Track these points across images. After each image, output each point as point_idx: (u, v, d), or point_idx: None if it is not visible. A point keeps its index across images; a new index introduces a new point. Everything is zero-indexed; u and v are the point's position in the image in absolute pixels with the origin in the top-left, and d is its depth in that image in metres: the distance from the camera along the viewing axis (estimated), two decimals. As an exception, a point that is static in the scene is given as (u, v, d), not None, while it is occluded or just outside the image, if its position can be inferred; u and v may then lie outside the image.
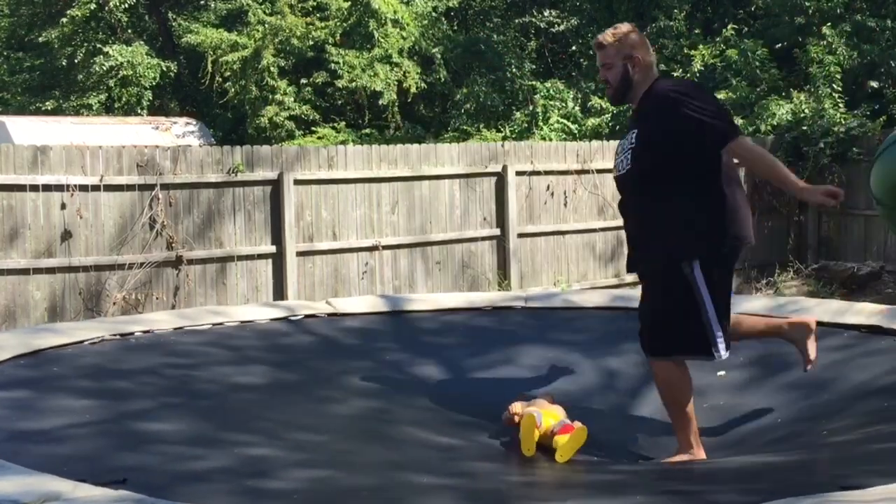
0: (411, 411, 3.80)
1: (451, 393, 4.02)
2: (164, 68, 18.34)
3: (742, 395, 4.05)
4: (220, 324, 4.82)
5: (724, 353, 3.51)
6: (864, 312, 4.65)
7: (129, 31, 19.42)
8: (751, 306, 5.08)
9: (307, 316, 5.06)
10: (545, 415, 3.45)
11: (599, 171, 11.09)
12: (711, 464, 3.10)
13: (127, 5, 18.49)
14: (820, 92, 12.80)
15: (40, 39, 19.63)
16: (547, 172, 10.73)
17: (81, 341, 4.38)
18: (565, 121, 14.21)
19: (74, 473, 2.56)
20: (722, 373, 4.21)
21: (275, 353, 4.51)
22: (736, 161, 3.62)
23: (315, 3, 17.23)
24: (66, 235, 8.20)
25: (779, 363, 4.15)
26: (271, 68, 16.30)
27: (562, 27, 17.72)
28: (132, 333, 4.59)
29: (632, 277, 11.44)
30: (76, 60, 18.73)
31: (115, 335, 4.53)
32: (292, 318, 5.00)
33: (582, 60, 18.23)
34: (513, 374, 4.17)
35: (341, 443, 3.41)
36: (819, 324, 4.57)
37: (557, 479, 2.83)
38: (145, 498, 2.30)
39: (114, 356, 4.28)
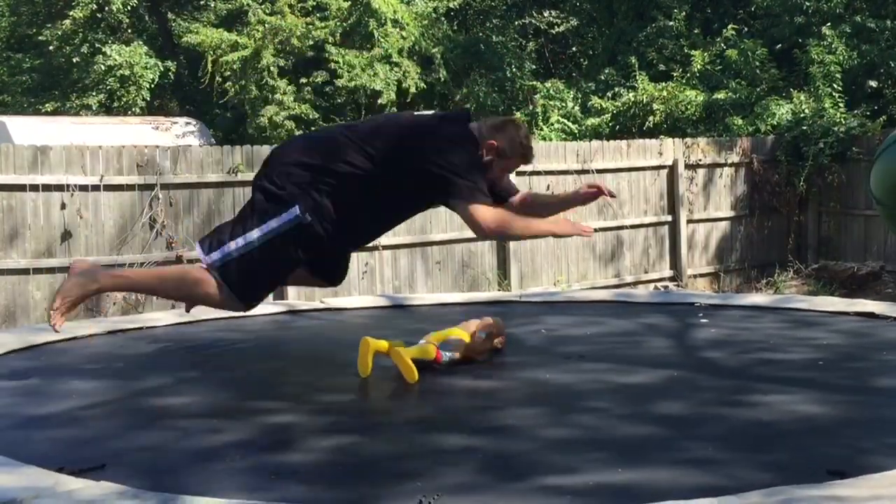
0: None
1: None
2: (164, 68, 18.34)
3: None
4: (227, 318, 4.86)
5: (203, 257, 3.66)
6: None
7: (129, 31, 19.42)
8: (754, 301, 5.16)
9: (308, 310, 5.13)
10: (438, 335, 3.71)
11: (599, 171, 11.09)
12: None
13: (129, 7, 18.50)
14: (820, 92, 12.81)
15: (40, 38, 19.63)
16: (547, 172, 10.73)
17: (88, 336, 4.40)
18: (565, 121, 14.22)
19: (75, 459, 2.54)
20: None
21: (287, 331, 4.59)
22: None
23: (315, 3, 17.23)
24: (66, 235, 8.20)
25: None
26: (271, 68, 16.30)
27: (562, 27, 17.73)
28: (140, 328, 4.64)
29: (632, 277, 11.50)
30: (75, 60, 18.73)
31: (117, 331, 4.55)
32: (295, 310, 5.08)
33: (582, 60, 18.25)
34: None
35: (365, 402, 3.42)
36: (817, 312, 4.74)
37: (587, 438, 2.81)
38: (126, 489, 2.28)
39: (122, 344, 4.31)
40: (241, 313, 4.91)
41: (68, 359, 4.02)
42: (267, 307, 5.26)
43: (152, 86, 18.09)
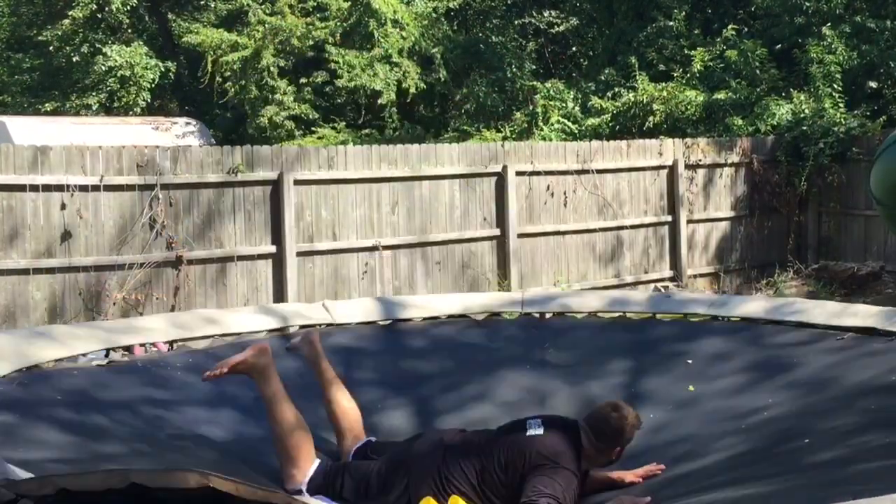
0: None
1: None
2: (164, 68, 18.33)
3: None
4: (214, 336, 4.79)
5: None
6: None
7: (129, 31, 19.42)
8: (749, 308, 5.07)
9: (301, 327, 5.03)
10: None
11: (599, 172, 11.09)
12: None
13: (129, 7, 18.50)
14: (820, 92, 12.81)
15: (40, 38, 19.63)
16: (547, 172, 10.73)
17: (72, 356, 4.32)
18: (565, 121, 14.21)
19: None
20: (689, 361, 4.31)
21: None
22: None
23: (315, 3, 17.24)
24: (66, 235, 8.20)
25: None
26: (271, 68, 16.30)
27: (562, 27, 17.72)
28: (128, 348, 4.54)
29: (632, 278, 11.49)
30: (75, 60, 18.73)
31: (105, 349, 4.48)
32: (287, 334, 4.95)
33: (582, 61, 18.24)
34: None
35: None
36: (815, 326, 4.64)
37: None
38: None
39: (102, 379, 4.21)
40: (237, 328, 4.81)
41: (47, 392, 3.93)
42: (263, 317, 5.14)
43: (152, 86, 18.09)
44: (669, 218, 11.71)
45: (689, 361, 4.47)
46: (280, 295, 9.13)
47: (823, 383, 4.16)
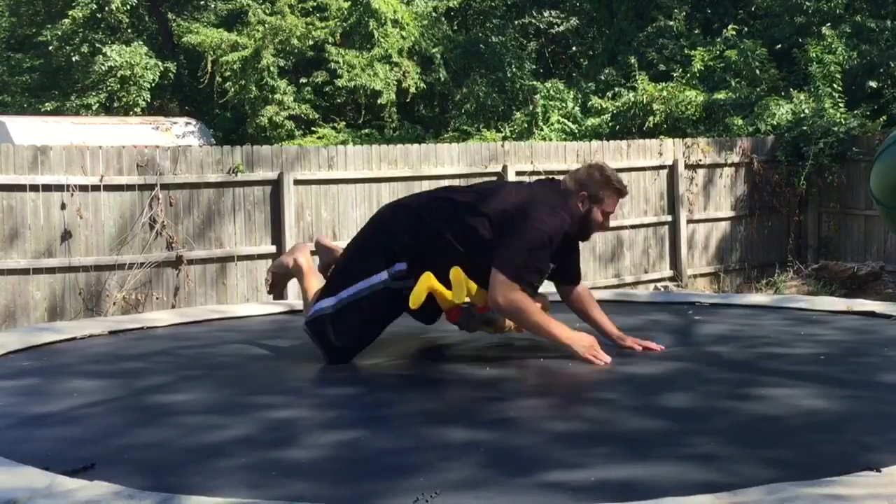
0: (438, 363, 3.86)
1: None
2: (164, 69, 18.34)
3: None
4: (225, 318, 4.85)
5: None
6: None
7: (129, 31, 19.43)
8: (753, 301, 5.16)
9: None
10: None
11: (599, 171, 11.08)
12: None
13: (128, 7, 18.51)
14: (820, 92, 12.82)
15: (41, 39, 19.64)
16: (547, 172, 10.72)
17: (89, 336, 4.40)
18: (565, 121, 14.22)
19: (74, 458, 2.53)
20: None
21: (286, 331, 4.54)
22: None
23: (315, 3, 17.25)
24: (66, 235, 8.20)
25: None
26: (271, 68, 16.32)
27: (562, 27, 17.74)
28: (141, 328, 4.62)
29: (632, 278, 11.49)
30: (74, 59, 18.74)
31: (117, 331, 4.55)
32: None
33: (582, 60, 18.25)
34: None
35: (368, 396, 3.40)
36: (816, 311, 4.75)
37: (592, 433, 2.83)
38: (121, 489, 2.28)
39: (122, 344, 4.29)
40: (242, 313, 4.91)
41: (68, 358, 4.01)
42: (267, 307, 5.26)
43: (152, 86, 18.09)
44: (669, 218, 11.71)
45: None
46: (280, 295, 9.12)
47: (865, 331, 4.31)
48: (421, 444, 2.72)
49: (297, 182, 9.21)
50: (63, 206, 8.16)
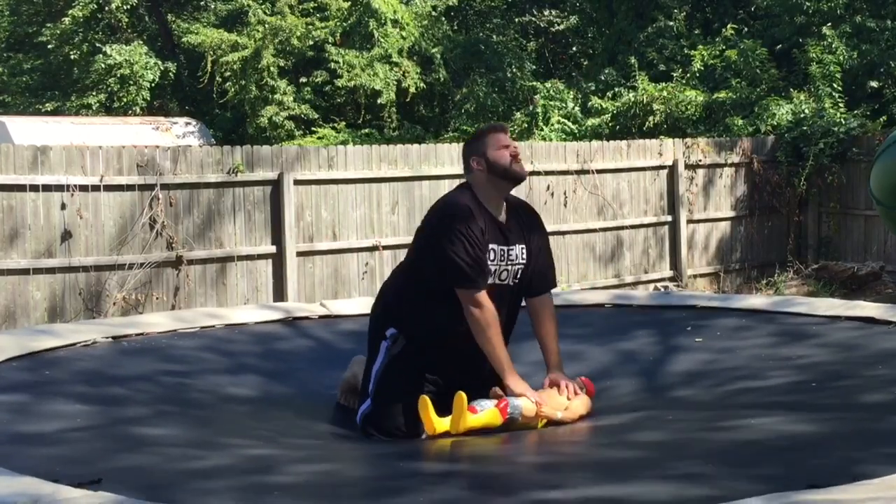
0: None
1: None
2: (164, 68, 18.34)
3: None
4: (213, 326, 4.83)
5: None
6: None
7: (129, 31, 19.42)
8: (754, 303, 5.10)
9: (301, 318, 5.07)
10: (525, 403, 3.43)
11: (599, 172, 11.09)
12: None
13: (128, 6, 18.50)
14: (820, 92, 12.81)
15: (41, 39, 19.64)
16: (547, 173, 10.72)
17: (82, 344, 4.38)
18: (565, 121, 14.22)
19: (66, 476, 2.54)
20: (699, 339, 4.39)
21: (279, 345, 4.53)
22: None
23: (315, 3, 17.25)
24: (66, 235, 8.20)
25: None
26: (271, 68, 16.31)
27: (562, 26, 17.73)
28: (139, 334, 4.60)
29: (632, 278, 11.49)
30: (73, 58, 18.74)
31: (108, 337, 4.53)
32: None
33: (582, 61, 18.25)
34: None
35: (346, 433, 3.43)
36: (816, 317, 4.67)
37: (569, 461, 2.82)
38: (124, 499, 2.28)
39: (114, 359, 4.28)
40: (238, 319, 4.88)
41: (60, 374, 3.98)
42: (264, 312, 5.19)
43: (152, 86, 18.08)
44: (669, 218, 11.70)
45: (698, 340, 4.48)
46: (280, 295, 9.13)
47: (852, 346, 4.19)
48: (400, 472, 2.73)
49: (297, 182, 9.21)
50: (63, 206, 8.15)
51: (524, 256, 3.74)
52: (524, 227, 3.80)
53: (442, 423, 3.36)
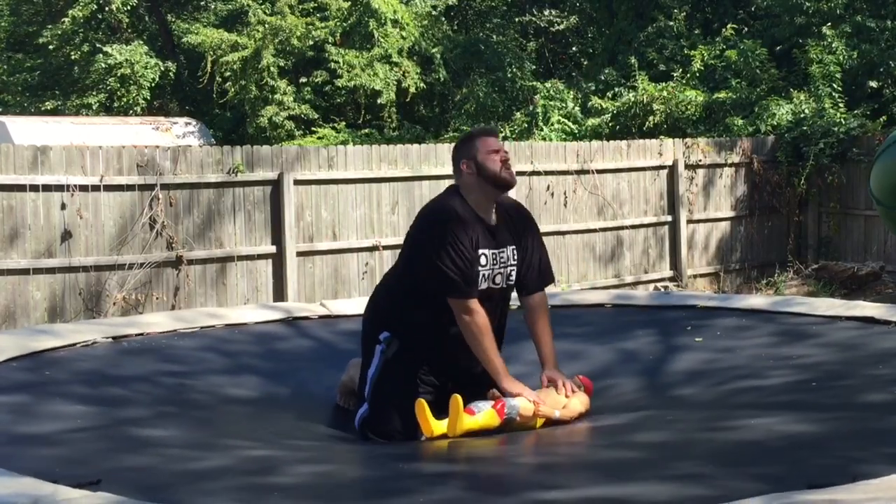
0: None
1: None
2: (164, 68, 18.33)
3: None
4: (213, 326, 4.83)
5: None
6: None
7: (129, 31, 19.42)
8: (754, 302, 5.09)
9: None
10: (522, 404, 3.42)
11: (599, 172, 11.09)
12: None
13: (128, 7, 18.50)
14: (820, 92, 12.81)
15: (41, 40, 19.64)
16: (547, 173, 10.72)
17: (74, 343, 4.37)
18: (565, 121, 14.21)
19: (66, 476, 2.54)
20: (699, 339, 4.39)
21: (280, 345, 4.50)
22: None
23: (315, 3, 17.24)
24: (66, 235, 8.20)
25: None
26: (271, 68, 16.30)
27: (562, 26, 17.73)
28: (139, 334, 4.60)
29: (632, 278, 11.49)
30: (73, 57, 18.73)
31: (108, 337, 4.52)
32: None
33: (582, 61, 18.25)
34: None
35: (346, 434, 3.42)
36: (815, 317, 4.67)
37: (569, 461, 2.82)
38: (124, 500, 2.29)
39: (113, 359, 4.27)
40: (243, 320, 4.89)
41: (60, 374, 3.99)
42: (263, 312, 5.20)
43: (152, 86, 18.08)
44: (669, 218, 11.70)
45: (698, 339, 4.47)
46: (280, 295, 9.12)
47: (852, 346, 4.18)
48: (401, 474, 2.73)
49: (297, 182, 9.21)
50: (63, 206, 8.15)
51: (515, 257, 3.75)
52: (515, 228, 3.80)
53: (440, 426, 3.37)
